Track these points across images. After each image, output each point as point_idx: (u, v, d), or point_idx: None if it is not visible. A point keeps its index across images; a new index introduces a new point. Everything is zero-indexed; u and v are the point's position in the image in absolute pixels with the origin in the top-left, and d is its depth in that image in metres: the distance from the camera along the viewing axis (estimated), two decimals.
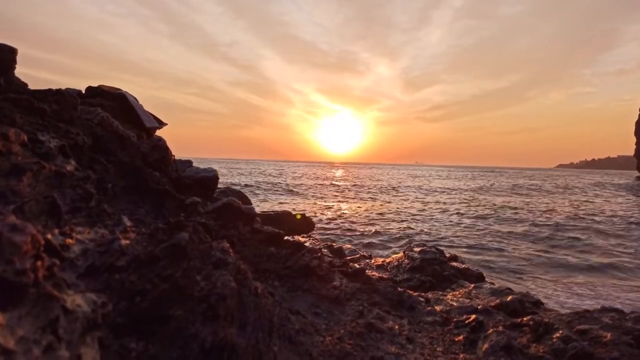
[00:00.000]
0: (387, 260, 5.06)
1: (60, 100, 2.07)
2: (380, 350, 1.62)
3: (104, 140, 2.10)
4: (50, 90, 2.16)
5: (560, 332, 1.83)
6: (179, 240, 1.30)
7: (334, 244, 5.71)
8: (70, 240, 1.10)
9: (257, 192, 22.16)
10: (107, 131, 2.17)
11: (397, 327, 1.90)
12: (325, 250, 5.17)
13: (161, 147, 2.41)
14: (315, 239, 6.06)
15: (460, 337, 1.88)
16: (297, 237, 5.18)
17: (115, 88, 2.89)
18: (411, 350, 1.71)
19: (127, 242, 1.27)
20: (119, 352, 0.97)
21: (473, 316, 2.06)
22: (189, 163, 2.67)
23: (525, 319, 2.04)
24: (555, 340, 1.79)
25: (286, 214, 6.54)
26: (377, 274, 4.00)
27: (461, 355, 1.71)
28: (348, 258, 5.08)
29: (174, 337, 1.03)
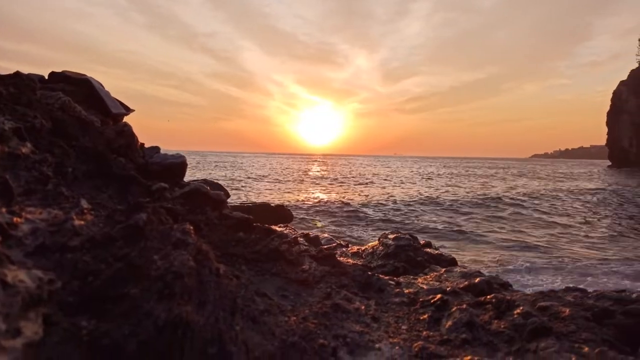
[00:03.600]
0: (363, 248, 5.11)
1: (18, 83, 2.01)
2: (344, 328, 1.64)
3: (64, 125, 2.05)
4: (7, 74, 2.10)
5: (521, 308, 1.89)
6: (137, 220, 1.28)
7: (310, 233, 5.73)
8: (19, 219, 1.07)
9: (237, 184, 22.03)
10: (69, 115, 2.12)
11: (363, 307, 1.93)
12: (301, 239, 5.18)
13: (127, 132, 2.37)
14: (292, 228, 6.08)
15: (425, 316, 1.92)
16: (273, 227, 5.18)
17: (80, 74, 2.82)
18: (376, 328, 1.74)
19: (82, 222, 1.25)
20: (69, 330, 0.96)
21: (439, 295, 2.10)
22: (156, 149, 2.63)
23: (488, 297, 2.10)
24: (516, 316, 1.84)
25: (264, 206, 6.55)
26: (351, 261, 4.03)
27: (424, 332, 1.75)
28: (325, 246, 5.10)
29: (127, 315, 1.03)
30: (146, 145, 2.80)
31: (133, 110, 2.85)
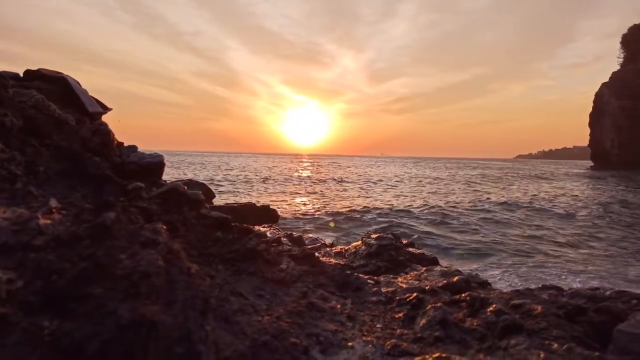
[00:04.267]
0: (346, 247, 5.12)
1: None
2: (318, 327, 1.65)
3: (37, 123, 2.02)
4: None
5: (494, 306, 1.91)
6: (104, 219, 1.27)
7: (294, 233, 5.72)
8: None
9: (223, 185, 21.90)
10: (42, 114, 2.09)
11: (339, 306, 1.93)
12: (285, 239, 5.17)
13: (102, 131, 2.34)
14: (276, 228, 6.06)
15: (401, 314, 1.93)
16: (257, 228, 5.16)
17: (56, 72, 2.78)
18: (350, 327, 1.74)
19: (48, 221, 1.24)
20: (29, 330, 0.95)
21: (414, 294, 2.12)
22: (133, 148, 2.61)
23: (463, 295, 2.12)
24: (489, 314, 1.86)
25: (249, 206, 6.50)
26: (334, 261, 4.03)
27: (398, 331, 1.76)
28: (309, 247, 5.09)
29: (90, 315, 1.02)
30: (133, 145, 2.77)
31: (110, 109, 2.82)
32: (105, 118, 2.94)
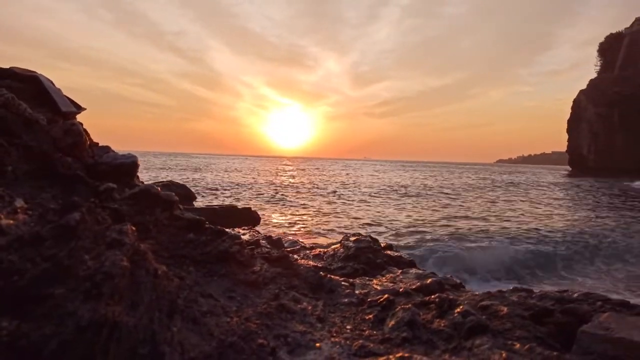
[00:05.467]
0: (325, 250, 5.13)
1: None
2: (287, 328, 1.66)
3: (6, 122, 2.00)
4: None
5: (462, 307, 1.95)
6: (68, 220, 1.27)
7: (272, 236, 5.71)
8: None
9: (206, 187, 21.69)
10: (12, 113, 2.06)
11: (310, 307, 1.95)
12: (264, 242, 5.17)
13: (75, 131, 2.32)
14: (256, 230, 6.04)
15: (371, 316, 1.96)
16: (237, 230, 5.14)
17: (29, 70, 2.74)
18: (320, 328, 1.76)
19: (11, 222, 1.23)
20: None
21: (385, 296, 2.15)
22: (107, 149, 2.59)
23: (432, 296, 2.16)
24: (456, 315, 1.90)
25: (230, 208, 6.48)
26: (311, 263, 4.05)
27: (367, 332, 1.79)
28: (288, 249, 5.09)
29: (50, 315, 1.01)
30: (106, 146, 2.74)
31: (84, 109, 2.79)
32: (80, 118, 2.91)
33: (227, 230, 2.47)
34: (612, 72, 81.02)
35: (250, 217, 6.51)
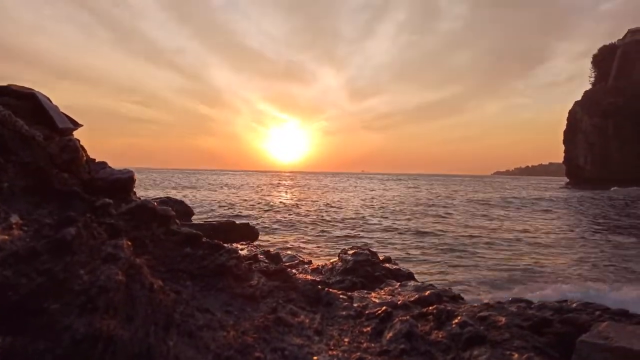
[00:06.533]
0: (323, 264, 5.11)
1: None
2: (284, 342, 1.65)
3: (3, 139, 2.00)
4: None
5: (459, 318, 1.95)
6: (64, 235, 1.27)
7: (271, 250, 5.69)
8: None
9: (204, 203, 21.65)
10: (8, 130, 2.07)
11: (307, 321, 1.94)
12: (262, 257, 5.14)
13: (71, 147, 2.32)
14: (254, 245, 6.02)
15: (369, 328, 1.95)
16: (235, 245, 5.12)
17: (26, 87, 2.76)
18: (317, 341, 1.75)
19: (7, 237, 1.23)
20: None
21: (383, 308, 2.14)
22: (103, 165, 2.59)
23: (430, 308, 2.15)
24: (454, 326, 1.90)
25: (229, 224, 6.47)
26: (309, 277, 4.03)
27: (365, 344, 1.78)
28: (287, 263, 5.07)
29: (45, 330, 1.01)
30: (103, 162, 2.74)
31: (81, 125, 2.80)
32: (79, 135, 2.92)
33: (224, 244, 2.46)
34: (606, 83, 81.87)
35: (248, 233, 6.49)
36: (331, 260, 5.12)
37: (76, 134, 2.93)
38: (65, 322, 1.02)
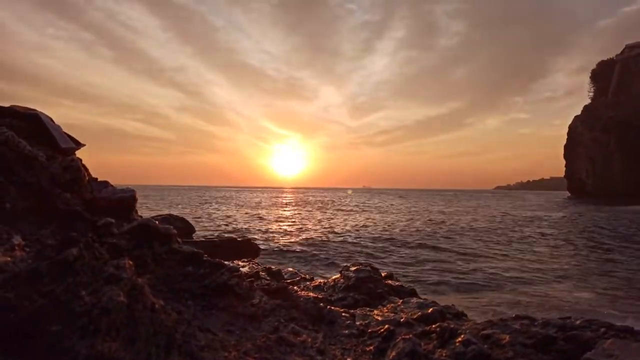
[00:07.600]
0: (325, 281, 5.07)
1: None
2: None
3: (6, 160, 2.02)
4: None
5: (463, 336, 1.93)
6: (66, 256, 1.27)
7: (272, 267, 5.64)
8: None
9: (206, 220, 21.59)
10: (11, 150, 2.09)
11: (310, 340, 1.93)
12: (264, 274, 5.10)
13: (74, 167, 2.34)
14: (256, 262, 5.97)
15: (371, 347, 1.93)
16: (237, 262, 5.10)
17: (29, 108, 2.79)
18: None
19: (8, 259, 1.23)
20: None
21: (386, 326, 2.12)
22: (105, 184, 2.60)
23: (433, 326, 2.13)
24: (457, 344, 1.88)
25: (231, 240, 6.43)
26: (312, 294, 4.00)
27: None
28: (288, 280, 5.04)
29: (45, 352, 1.01)
30: (105, 181, 2.76)
31: (84, 145, 2.83)
32: (81, 153, 2.94)
33: (225, 262, 2.45)
34: (605, 97, 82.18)
35: (250, 249, 6.46)
36: (333, 277, 5.08)
37: (78, 152, 2.95)
38: (67, 344, 1.02)
